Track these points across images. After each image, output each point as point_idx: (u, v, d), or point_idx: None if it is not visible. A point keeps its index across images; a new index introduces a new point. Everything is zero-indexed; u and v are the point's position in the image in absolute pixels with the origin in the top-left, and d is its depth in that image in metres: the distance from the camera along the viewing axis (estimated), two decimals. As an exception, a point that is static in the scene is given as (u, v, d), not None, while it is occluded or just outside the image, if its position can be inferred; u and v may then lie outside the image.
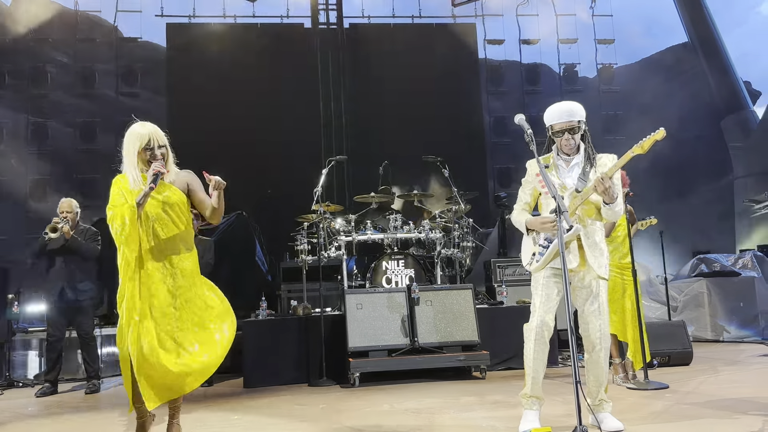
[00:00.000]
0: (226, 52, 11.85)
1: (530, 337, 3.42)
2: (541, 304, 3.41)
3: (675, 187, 16.22)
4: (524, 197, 3.64)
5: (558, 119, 3.47)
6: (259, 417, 4.41)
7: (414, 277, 6.64)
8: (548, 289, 3.42)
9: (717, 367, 5.86)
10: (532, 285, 3.53)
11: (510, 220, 3.73)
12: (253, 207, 10.21)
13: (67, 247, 5.89)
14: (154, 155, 3.24)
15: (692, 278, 8.93)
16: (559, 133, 3.45)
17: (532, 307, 3.48)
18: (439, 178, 7.16)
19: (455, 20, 13.46)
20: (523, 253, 3.62)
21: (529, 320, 3.46)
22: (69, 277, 5.96)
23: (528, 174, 3.62)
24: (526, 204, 3.62)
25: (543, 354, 3.41)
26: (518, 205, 3.65)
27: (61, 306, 5.99)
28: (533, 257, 3.48)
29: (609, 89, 14.05)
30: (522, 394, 3.49)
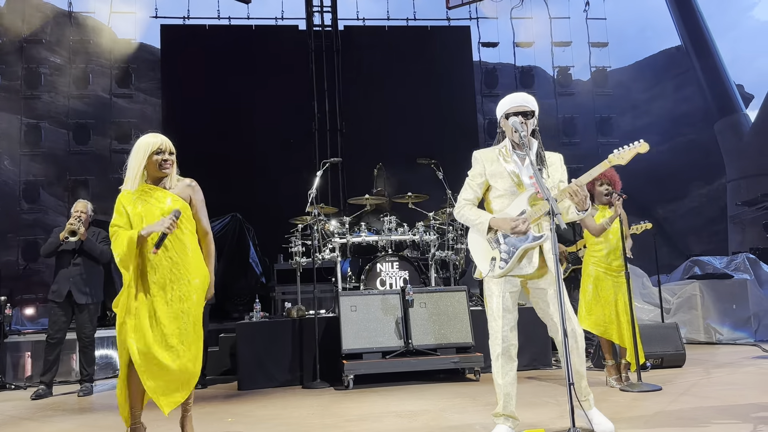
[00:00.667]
0: (220, 54, 11.85)
1: (496, 357, 3.24)
2: (502, 318, 3.23)
3: (668, 190, 16.29)
4: (472, 192, 3.42)
5: (512, 103, 3.33)
6: (252, 419, 4.40)
7: (408, 279, 6.64)
8: (505, 302, 3.24)
9: (710, 369, 5.89)
10: (485, 295, 3.32)
11: (456, 214, 3.47)
12: (248, 208, 10.21)
13: (80, 249, 5.87)
14: (165, 160, 3.27)
15: (685, 280, 8.97)
16: (513, 115, 3.29)
17: (491, 321, 3.27)
18: (434, 180, 7.17)
19: (450, 23, 13.52)
20: (478, 258, 3.36)
21: (491, 339, 3.26)
22: (77, 279, 5.94)
23: (477, 166, 3.41)
24: (475, 199, 3.42)
25: (512, 371, 3.25)
26: (467, 198, 3.42)
27: (66, 308, 5.97)
28: (493, 262, 3.25)
29: (602, 92, 14.13)
30: (495, 413, 3.31)
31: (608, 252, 5.09)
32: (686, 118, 17.68)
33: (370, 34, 12.93)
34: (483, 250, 3.33)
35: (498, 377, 3.26)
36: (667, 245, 15.62)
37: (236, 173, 11.14)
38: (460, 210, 3.43)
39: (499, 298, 3.25)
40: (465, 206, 3.41)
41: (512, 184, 3.30)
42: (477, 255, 3.37)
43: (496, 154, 3.38)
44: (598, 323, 5.05)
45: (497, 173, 3.34)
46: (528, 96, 3.40)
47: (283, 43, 12.37)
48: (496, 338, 3.24)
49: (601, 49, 14.35)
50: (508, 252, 3.21)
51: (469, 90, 13.22)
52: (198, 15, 12.60)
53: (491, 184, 3.37)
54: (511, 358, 3.25)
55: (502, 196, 3.33)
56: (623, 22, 20.45)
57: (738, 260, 9.24)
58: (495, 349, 3.25)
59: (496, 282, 3.27)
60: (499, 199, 3.35)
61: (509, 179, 3.30)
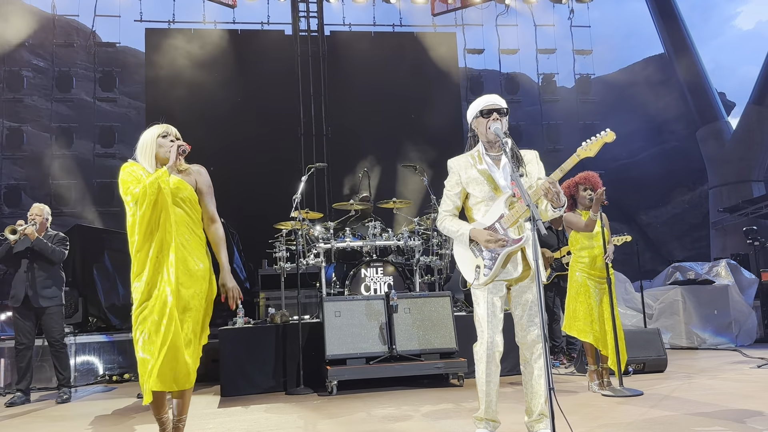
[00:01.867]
0: (205, 58, 11.80)
1: (481, 360, 3.24)
2: (488, 323, 3.22)
3: (651, 196, 16.45)
4: (451, 203, 3.41)
5: (486, 102, 3.32)
6: (235, 426, 4.37)
7: (393, 284, 6.64)
8: (492, 307, 3.23)
9: (691, 374, 5.94)
10: (474, 298, 3.30)
11: (439, 227, 3.46)
12: (232, 213, 10.15)
13: (32, 249, 5.81)
14: (172, 141, 3.30)
15: (667, 286, 9.05)
16: (487, 113, 3.26)
17: (478, 327, 3.28)
18: (419, 186, 7.18)
19: (435, 29, 13.56)
20: (464, 267, 3.35)
21: (478, 341, 3.27)
22: (33, 282, 5.85)
23: (453, 176, 3.38)
24: (455, 209, 3.41)
25: (495, 376, 3.25)
26: (447, 210, 3.42)
27: (26, 312, 5.89)
28: (478, 270, 3.25)
29: (586, 99, 14.24)
30: (476, 417, 3.32)
31: (592, 258, 5.12)
32: (669, 125, 17.89)
33: (356, 40, 12.93)
34: (467, 259, 3.32)
35: (482, 382, 3.25)
36: (650, 251, 15.77)
37: (221, 177, 11.02)
38: (441, 222, 3.42)
39: (485, 305, 3.24)
40: (446, 218, 3.41)
41: (489, 189, 3.28)
42: (462, 264, 3.36)
43: (469, 160, 3.35)
44: (583, 329, 5.08)
45: (473, 179, 3.31)
46: (498, 96, 3.42)
47: (268, 47, 12.34)
48: (482, 344, 3.24)
49: (585, 56, 14.46)
50: (491, 258, 3.20)
51: (454, 96, 13.27)
52: (183, 19, 12.55)
53: (468, 191, 3.35)
54: (496, 364, 3.26)
55: (480, 202, 3.32)
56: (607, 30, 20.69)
57: (719, 266, 9.34)
58: (480, 355, 3.25)
59: (482, 289, 3.26)
60: (478, 205, 3.34)
61: (486, 184, 3.28)
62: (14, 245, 5.80)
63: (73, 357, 6.81)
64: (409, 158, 7.60)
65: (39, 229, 5.84)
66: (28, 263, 5.88)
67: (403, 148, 11.05)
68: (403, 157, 7.97)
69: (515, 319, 3.32)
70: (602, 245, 5.07)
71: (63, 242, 6.04)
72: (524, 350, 3.29)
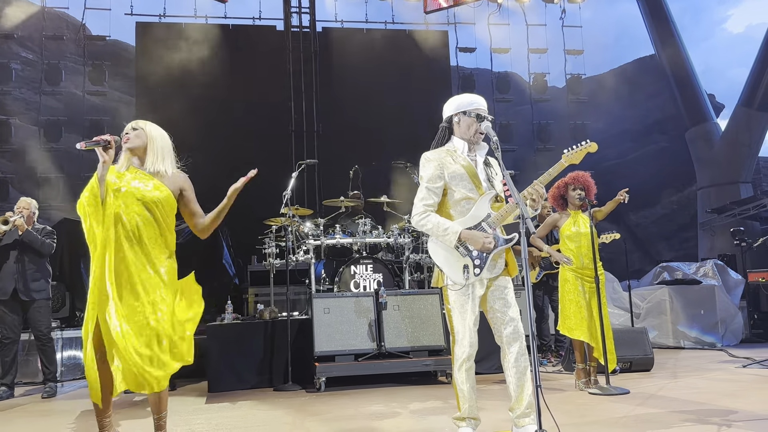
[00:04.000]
0: (196, 53, 11.72)
1: (462, 363, 3.17)
2: (472, 326, 3.15)
3: (640, 197, 16.53)
4: (436, 195, 3.23)
5: (473, 104, 3.29)
6: (222, 421, 4.36)
7: (382, 281, 6.64)
8: (474, 307, 3.17)
9: (677, 373, 5.98)
10: (452, 299, 3.18)
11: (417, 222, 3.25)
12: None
13: (20, 241, 5.76)
14: (126, 133, 3.22)
15: (655, 286, 9.10)
16: (483, 118, 3.23)
17: (459, 329, 3.16)
18: (409, 183, 7.18)
19: (428, 27, 13.54)
20: (448, 267, 3.19)
21: (459, 344, 3.16)
22: (22, 275, 5.81)
23: (433, 169, 3.23)
24: (435, 204, 3.23)
25: (473, 374, 3.23)
26: (429, 204, 3.22)
27: (13, 305, 5.84)
28: (467, 269, 3.14)
29: (577, 99, 14.28)
30: (457, 417, 3.28)
31: (579, 256, 5.15)
32: (659, 126, 17.99)
33: (348, 36, 12.89)
34: (451, 259, 3.19)
35: (463, 383, 3.19)
36: (639, 251, 15.87)
37: (211, 173, 10.98)
38: (423, 218, 3.20)
39: (470, 307, 3.16)
40: (430, 214, 3.21)
41: (472, 186, 3.21)
42: (444, 264, 3.20)
43: (447, 156, 3.26)
44: (573, 327, 5.11)
45: (457, 175, 3.21)
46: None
47: (260, 43, 12.29)
48: (464, 346, 3.15)
49: (576, 56, 14.50)
50: (481, 258, 3.15)
51: (445, 94, 13.14)
52: (174, 13, 12.45)
53: (450, 187, 3.22)
54: (473, 362, 3.22)
55: (462, 200, 3.22)
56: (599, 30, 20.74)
57: (707, 266, 9.41)
58: (462, 355, 3.16)
59: (464, 291, 3.16)
60: (459, 202, 3.23)
61: (468, 181, 3.21)
62: (2, 237, 5.76)
63: (60, 351, 6.76)
64: (399, 155, 7.57)
65: (27, 222, 5.80)
66: (17, 255, 5.84)
67: (394, 146, 11.02)
68: (393, 155, 7.94)
69: (494, 313, 3.23)
70: (589, 244, 5.10)
71: (50, 235, 6.01)
72: (504, 345, 3.21)
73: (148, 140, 3.26)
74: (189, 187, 3.39)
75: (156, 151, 3.28)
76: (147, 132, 3.27)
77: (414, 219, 3.26)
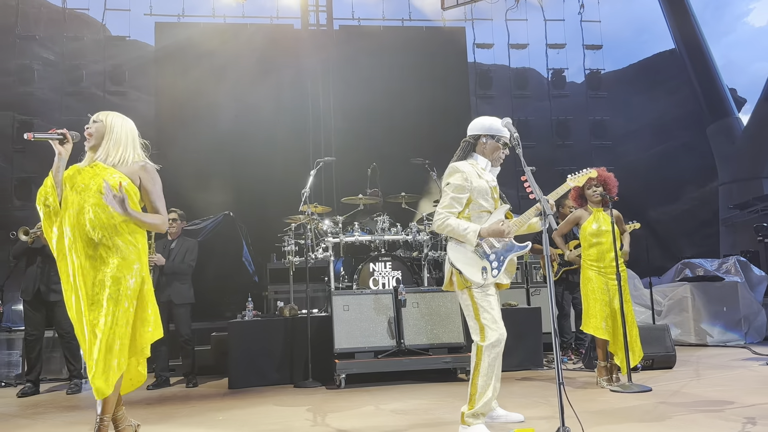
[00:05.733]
0: (214, 53, 11.81)
1: (496, 355, 3.32)
2: (498, 318, 3.36)
3: (661, 193, 16.35)
4: (459, 204, 3.46)
5: (505, 134, 3.56)
6: (244, 418, 4.40)
7: (401, 279, 6.65)
8: (497, 303, 3.42)
9: (700, 370, 5.92)
10: (479, 299, 3.35)
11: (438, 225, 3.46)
12: (241, 207, 10.19)
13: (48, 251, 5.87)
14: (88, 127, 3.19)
15: (676, 282, 9.00)
16: (504, 146, 3.58)
17: (488, 323, 3.32)
18: (427, 181, 7.18)
19: (445, 24, 13.51)
20: (467, 268, 3.39)
21: (488, 337, 3.31)
22: (45, 278, 5.94)
23: (461, 180, 3.45)
24: (456, 213, 3.46)
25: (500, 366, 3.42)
26: (451, 210, 3.44)
27: (37, 304, 5.95)
28: (485, 270, 3.36)
29: (596, 95, 14.16)
30: (474, 413, 3.34)
31: (601, 254, 5.11)
32: (679, 121, 17.75)
33: (365, 34, 12.90)
34: (471, 260, 3.39)
35: (494, 378, 3.32)
36: (659, 247, 15.68)
37: (230, 171, 11.12)
38: (444, 220, 3.42)
39: (492, 298, 3.37)
40: (449, 217, 3.42)
41: (492, 202, 3.51)
42: (465, 266, 3.39)
43: (473, 170, 3.52)
44: (598, 325, 5.07)
45: (481, 189, 3.48)
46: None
47: (278, 42, 12.33)
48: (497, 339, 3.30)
49: (595, 51, 14.37)
50: (498, 260, 3.39)
51: (463, 91, 13.22)
52: (193, 13, 12.56)
53: (473, 199, 3.47)
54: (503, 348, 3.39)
55: (481, 212, 3.49)
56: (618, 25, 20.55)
57: (729, 263, 9.29)
58: (494, 351, 3.30)
59: (489, 287, 3.39)
60: (478, 214, 3.48)
61: (490, 196, 3.50)
62: (32, 244, 5.88)
63: (84, 348, 6.86)
64: (417, 153, 7.57)
65: None
66: (41, 260, 5.96)
67: (412, 143, 11.03)
68: (411, 152, 7.94)
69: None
70: (611, 241, 5.05)
71: None
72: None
73: (105, 131, 3.19)
74: (148, 178, 3.18)
75: (112, 141, 3.18)
76: (106, 123, 3.20)
77: (435, 224, 3.47)
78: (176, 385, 6.20)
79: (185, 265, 6.30)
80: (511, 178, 13.25)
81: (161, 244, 6.32)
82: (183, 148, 11.19)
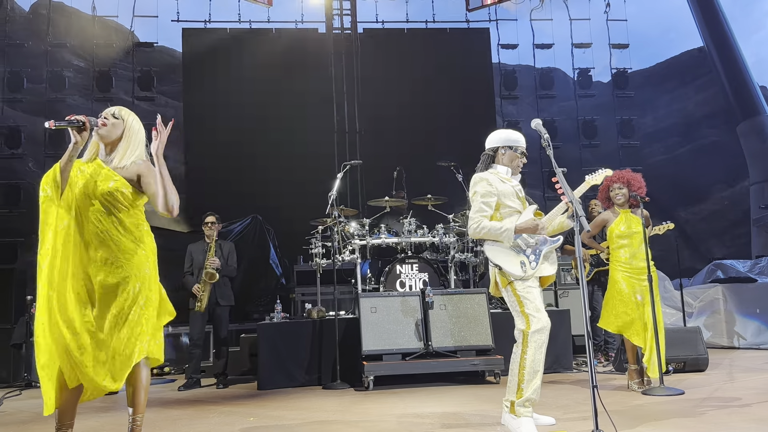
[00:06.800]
0: (241, 57, 11.95)
1: (542, 342, 3.45)
2: (541, 308, 3.50)
3: (690, 193, 16.11)
4: (488, 208, 3.65)
5: (522, 144, 3.79)
6: (275, 419, 4.44)
7: (428, 281, 6.65)
8: (539, 295, 3.56)
9: (733, 373, 5.82)
10: (521, 291, 3.52)
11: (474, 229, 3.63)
12: (268, 210, 10.27)
13: None
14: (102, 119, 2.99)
15: (708, 284, 8.87)
16: (523, 156, 3.78)
17: (531, 312, 3.47)
18: (454, 183, 7.17)
19: (469, 25, 13.48)
20: (506, 263, 3.58)
21: (533, 324, 3.44)
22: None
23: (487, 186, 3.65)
24: (489, 216, 3.65)
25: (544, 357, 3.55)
26: (484, 214, 3.63)
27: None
28: (524, 265, 3.56)
29: (623, 94, 13.99)
30: (525, 401, 3.44)
31: (630, 256, 5.06)
32: (708, 120, 17.49)
33: (389, 37, 12.95)
34: (509, 257, 3.58)
35: (540, 363, 3.43)
36: (689, 248, 15.46)
37: (257, 175, 11.22)
38: (479, 223, 3.61)
39: (535, 290, 3.53)
40: (483, 220, 3.62)
41: (519, 203, 3.70)
42: (504, 262, 3.57)
43: (495, 176, 3.72)
44: (624, 326, 5.02)
45: (507, 193, 3.67)
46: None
47: (303, 46, 12.44)
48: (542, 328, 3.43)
49: (621, 50, 14.20)
50: (535, 254, 3.58)
51: (488, 92, 13.18)
52: (219, 19, 12.72)
53: (501, 202, 3.67)
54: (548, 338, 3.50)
55: (511, 213, 3.67)
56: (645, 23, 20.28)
57: (762, 264, 9.13)
58: (539, 337, 3.43)
59: (531, 279, 3.55)
60: (508, 216, 3.67)
61: (516, 198, 3.70)
62: None
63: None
64: (443, 155, 7.56)
65: None
66: None
67: (437, 145, 11.03)
68: (437, 154, 7.93)
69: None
70: (641, 242, 5.00)
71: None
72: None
73: (124, 131, 3.03)
74: (148, 172, 3.00)
75: (131, 146, 3.03)
76: (127, 124, 3.04)
77: (470, 228, 3.68)
78: (207, 387, 6.28)
79: (230, 267, 6.41)
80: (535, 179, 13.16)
81: (199, 248, 6.40)
82: (210, 152, 11.33)
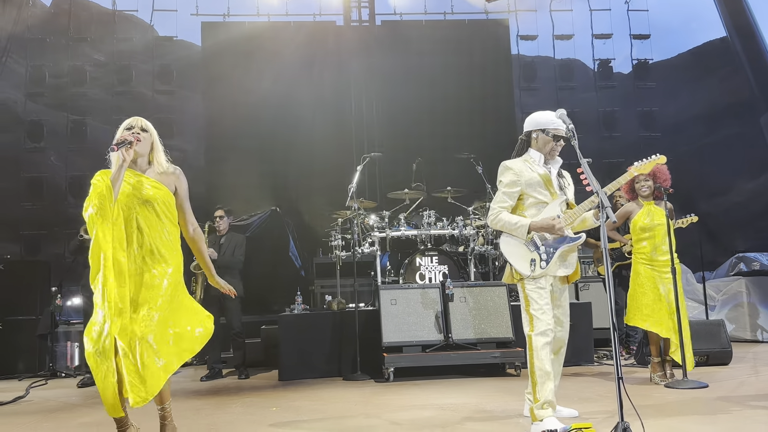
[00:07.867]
0: (259, 51, 11.97)
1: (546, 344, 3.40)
2: (547, 310, 3.43)
3: (712, 185, 15.89)
4: (510, 198, 3.57)
5: (558, 126, 3.54)
6: (297, 409, 4.47)
7: (447, 273, 6.64)
8: (549, 296, 3.48)
9: (757, 367, 5.75)
10: (529, 290, 3.46)
11: (492, 220, 3.60)
12: (287, 203, 10.31)
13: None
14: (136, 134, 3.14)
15: (731, 277, 8.76)
16: (559, 138, 3.56)
17: (536, 313, 3.42)
18: (473, 175, 7.15)
19: (488, 16, 13.38)
20: (516, 260, 3.51)
21: (535, 326, 3.41)
22: None
23: (512, 176, 3.55)
24: (510, 206, 3.57)
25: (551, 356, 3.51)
26: (503, 206, 3.55)
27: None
28: (534, 263, 3.46)
29: (644, 85, 13.81)
30: (542, 404, 3.37)
31: (653, 248, 5.01)
32: (731, 110, 17.18)
33: (408, 29, 12.87)
34: (521, 253, 3.51)
35: (548, 364, 3.38)
36: (711, 241, 15.24)
37: (276, 168, 11.24)
38: (497, 215, 3.55)
39: (546, 293, 3.44)
40: (502, 212, 3.55)
41: (547, 193, 3.53)
42: (514, 258, 3.52)
43: (526, 164, 3.59)
44: (647, 319, 4.98)
45: (534, 182, 3.53)
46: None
47: (321, 38, 12.41)
48: (545, 319, 3.40)
49: (642, 41, 14.00)
50: (548, 253, 3.46)
51: (507, 84, 13.06)
52: (238, 12, 12.74)
53: (526, 192, 3.55)
54: (552, 338, 3.46)
55: (536, 204, 3.54)
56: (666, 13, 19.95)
57: (787, 257, 8.99)
58: (541, 340, 3.38)
59: (539, 279, 3.46)
60: (532, 206, 3.55)
61: (544, 188, 3.54)
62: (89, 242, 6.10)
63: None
64: (462, 147, 7.54)
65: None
66: None
67: (457, 137, 10.96)
68: (455, 146, 7.91)
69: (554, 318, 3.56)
70: (664, 235, 4.95)
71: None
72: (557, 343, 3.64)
73: (153, 142, 3.23)
74: (181, 184, 3.25)
75: (159, 153, 3.25)
76: (153, 135, 3.24)
77: (489, 219, 3.63)
78: (228, 377, 6.34)
79: (236, 260, 6.45)
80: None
81: (211, 240, 6.47)
82: (230, 146, 11.38)
